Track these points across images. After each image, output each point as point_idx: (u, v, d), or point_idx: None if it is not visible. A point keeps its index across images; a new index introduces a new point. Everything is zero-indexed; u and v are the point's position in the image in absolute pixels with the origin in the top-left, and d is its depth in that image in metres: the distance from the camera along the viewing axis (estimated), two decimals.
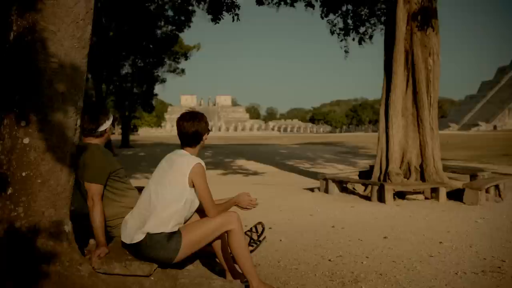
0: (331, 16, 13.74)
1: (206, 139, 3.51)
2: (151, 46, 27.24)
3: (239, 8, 11.51)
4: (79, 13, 3.40)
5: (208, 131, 3.52)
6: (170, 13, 25.20)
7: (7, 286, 3.14)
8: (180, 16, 24.95)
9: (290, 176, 13.43)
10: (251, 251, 3.86)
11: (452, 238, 5.47)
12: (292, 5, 14.23)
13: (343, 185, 9.35)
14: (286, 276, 4.08)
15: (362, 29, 13.42)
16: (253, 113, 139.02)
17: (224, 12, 11.46)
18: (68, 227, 3.39)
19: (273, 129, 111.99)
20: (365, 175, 9.79)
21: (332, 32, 13.56)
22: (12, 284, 3.13)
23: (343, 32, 13.52)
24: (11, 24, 3.33)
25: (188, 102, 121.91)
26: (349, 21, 13.69)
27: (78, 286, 3.20)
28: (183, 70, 37.49)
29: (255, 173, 14.48)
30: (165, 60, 32.01)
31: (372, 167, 9.82)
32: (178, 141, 3.48)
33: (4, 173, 3.26)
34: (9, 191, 3.25)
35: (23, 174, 3.25)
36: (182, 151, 3.42)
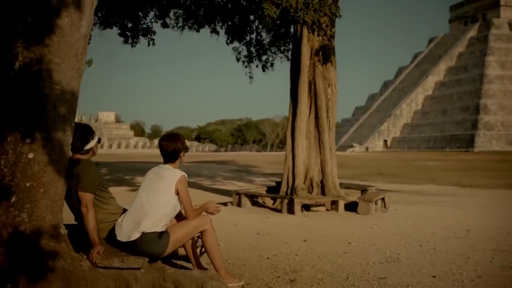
0: (236, 44, 14.86)
1: (183, 155, 4.29)
2: None
3: (154, 34, 12.18)
4: (79, 48, 4.04)
5: (184, 149, 4.30)
6: None
7: (19, 281, 3.62)
8: None
9: (197, 192, 14.15)
10: (204, 252, 4.66)
11: (357, 240, 6.70)
12: (198, 30, 15.12)
13: (254, 199, 10.38)
14: (239, 270, 4.94)
15: (264, 57, 14.69)
16: (138, 130, 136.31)
17: (140, 36, 12.05)
18: (63, 230, 3.96)
19: (158, 147, 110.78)
20: (272, 190, 10.93)
21: (238, 59, 14.66)
22: (26, 278, 3.62)
23: (247, 59, 14.68)
24: (16, 55, 3.84)
25: None
26: (253, 49, 14.91)
27: (81, 279, 3.77)
28: None
29: None
30: None
31: (278, 183, 10.99)
32: None
33: (8, 184, 3.76)
34: (13, 199, 3.74)
35: (27, 184, 3.76)
36: (166, 165, 4.19)
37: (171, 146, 4.21)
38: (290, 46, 13.41)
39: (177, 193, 4.04)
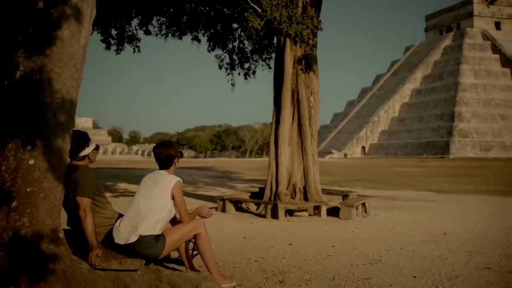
0: (219, 51, 15.06)
1: (178, 161, 4.47)
2: None
3: (140, 41, 12.32)
4: (78, 59, 4.21)
5: (178, 156, 4.48)
6: None
7: (21, 283, 3.75)
8: None
9: None
10: (196, 255, 4.85)
11: (340, 243, 6.95)
12: (180, 37, 15.29)
13: (238, 205, 10.57)
14: (229, 272, 5.14)
15: (246, 65, 14.92)
16: (116, 136, 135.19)
17: (125, 43, 12.18)
18: (61, 234, 4.10)
19: (136, 153, 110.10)
20: (256, 195, 11.14)
21: (220, 67, 14.86)
22: (27, 280, 3.75)
23: (230, 67, 14.89)
24: (17, 65, 3.99)
25: None
26: (235, 57, 15.13)
27: (81, 280, 3.92)
28: None
29: None
30: None
31: (261, 189, 11.21)
32: None
33: (9, 189, 3.89)
34: (14, 204, 3.87)
35: (28, 189, 3.90)
36: (162, 171, 4.37)
37: (164, 153, 4.38)
38: (272, 55, 13.68)
39: (173, 198, 4.22)
